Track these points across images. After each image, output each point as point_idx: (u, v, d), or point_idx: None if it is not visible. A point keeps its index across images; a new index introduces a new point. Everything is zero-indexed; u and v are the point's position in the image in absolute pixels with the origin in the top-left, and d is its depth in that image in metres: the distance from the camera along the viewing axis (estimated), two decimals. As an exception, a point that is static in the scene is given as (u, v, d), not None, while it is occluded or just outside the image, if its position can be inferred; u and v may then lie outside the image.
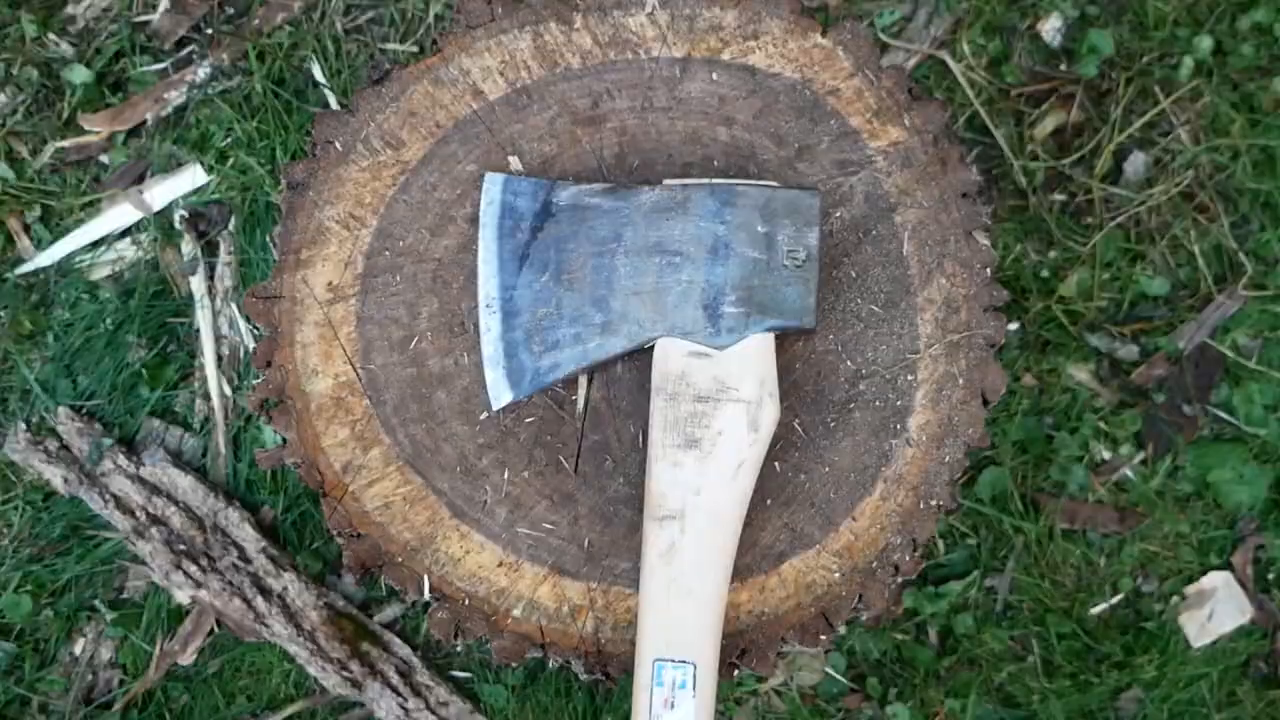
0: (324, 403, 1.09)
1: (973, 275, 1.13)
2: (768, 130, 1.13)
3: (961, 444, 1.11)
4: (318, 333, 1.10)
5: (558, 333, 1.05)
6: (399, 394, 1.09)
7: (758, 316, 1.04)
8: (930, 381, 1.11)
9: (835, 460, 1.10)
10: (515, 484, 1.09)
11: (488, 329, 1.06)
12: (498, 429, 1.09)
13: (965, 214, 1.13)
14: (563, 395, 1.10)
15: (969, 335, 1.12)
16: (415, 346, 1.10)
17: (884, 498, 1.10)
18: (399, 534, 1.09)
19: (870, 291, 1.12)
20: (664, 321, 1.04)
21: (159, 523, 1.58)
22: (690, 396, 1.03)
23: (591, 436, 1.10)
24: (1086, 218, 1.73)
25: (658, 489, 1.03)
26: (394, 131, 1.12)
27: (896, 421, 1.10)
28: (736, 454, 1.03)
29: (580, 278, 1.05)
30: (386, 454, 1.09)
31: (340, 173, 1.12)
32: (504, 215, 1.07)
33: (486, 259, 1.07)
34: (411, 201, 1.11)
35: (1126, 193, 1.71)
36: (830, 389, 1.10)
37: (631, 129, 1.12)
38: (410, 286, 1.10)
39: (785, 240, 1.04)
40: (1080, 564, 1.67)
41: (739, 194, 1.04)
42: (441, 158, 1.12)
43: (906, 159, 1.12)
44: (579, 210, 1.06)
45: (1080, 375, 1.71)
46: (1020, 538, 1.67)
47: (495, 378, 1.07)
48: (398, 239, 1.11)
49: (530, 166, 1.12)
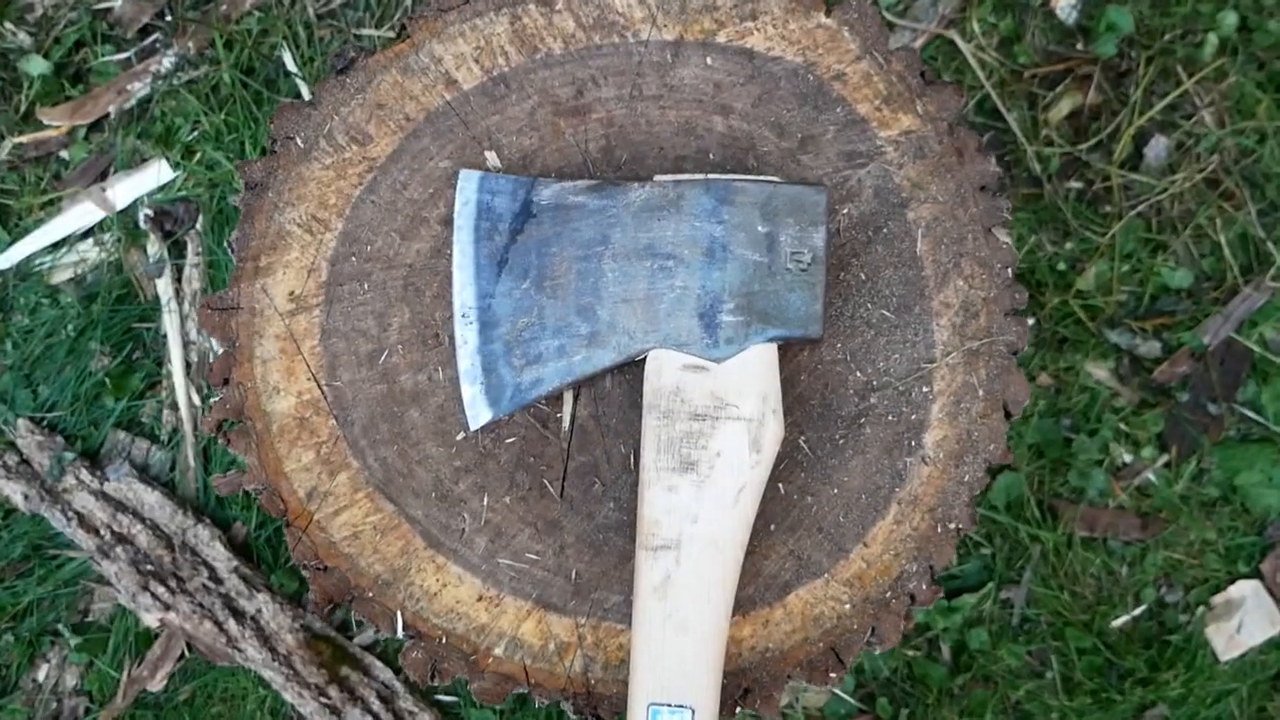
0: (286, 423, 1.04)
1: (993, 276, 1.07)
2: (768, 119, 1.07)
3: (982, 461, 1.06)
4: (279, 347, 1.05)
5: (540, 345, 1.01)
6: (368, 413, 1.04)
7: (759, 325, 0.99)
8: (947, 393, 1.06)
9: (845, 481, 1.05)
10: (495, 510, 1.04)
11: (464, 341, 1.02)
12: (476, 451, 1.04)
13: (984, 209, 1.08)
14: (546, 413, 1.05)
15: (989, 342, 1.07)
16: (385, 361, 1.05)
17: (898, 521, 1.05)
18: (369, 566, 1.04)
19: (881, 295, 1.06)
20: (656, 332, 1.00)
21: (125, 541, 1.55)
22: (686, 414, 0.98)
23: (578, 458, 1.05)
24: (1105, 206, 1.71)
25: (651, 516, 0.98)
26: (360, 126, 1.07)
27: (911, 438, 1.05)
28: (737, 477, 0.98)
29: (564, 284, 1.01)
30: (355, 479, 1.04)
31: (302, 171, 1.07)
32: (480, 216, 1.02)
33: (462, 264, 1.02)
34: (380, 202, 1.06)
35: (1147, 179, 1.69)
36: (839, 403, 1.05)
37: (619, 120, 1.07)
38: (379, 295, 1.05)
39: (788, 241, 1.00)
40: (1101, 574, 1.66)
41: (737, 190, 1.00)
42: (412, 154, 1.07)
43: (919, 149, 1.07)
44: (562, 210, 1.01)
45: (1099, 374, 1.68)
46: (1037, 547, 1.65)
47: (473, 394, 1.02)
48: (365, 243, 1.06)
49: (509, 162, 1.07)
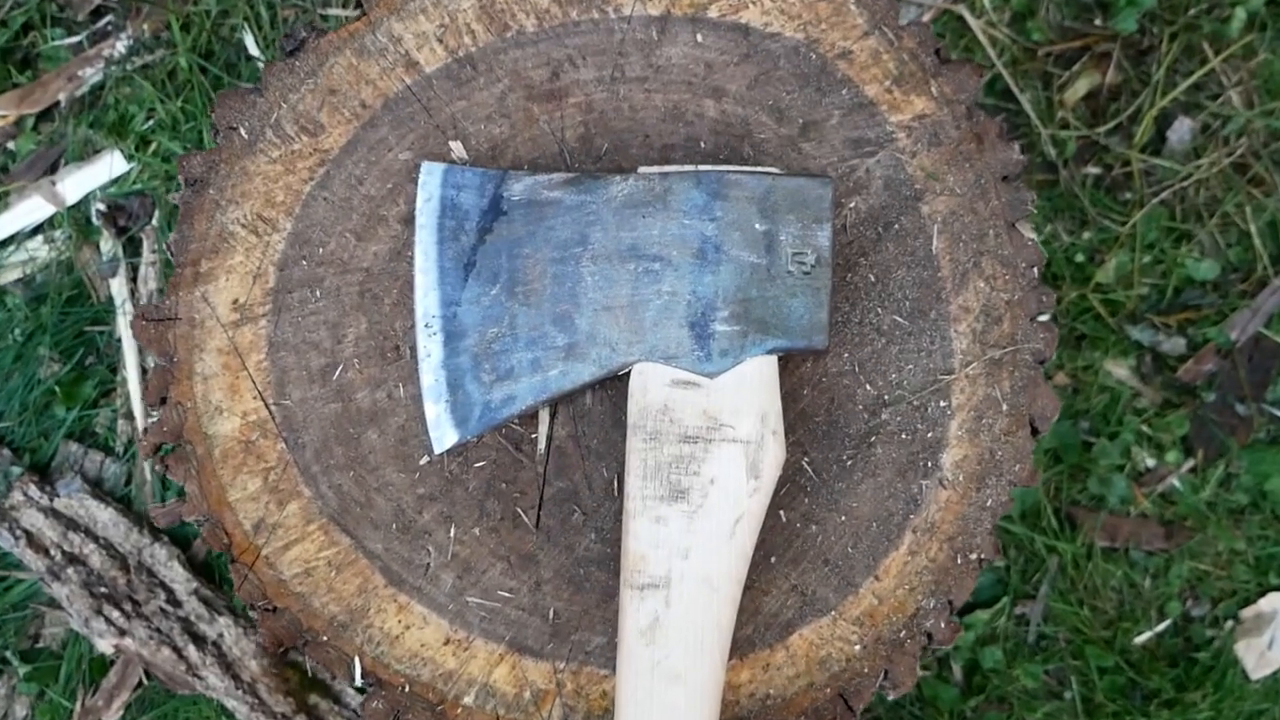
0: (230, 447, 0.99)
1: (1017, 276, 1.03)
2: (765, 103, 1.02)
3: (1006, 483, 1.01)
4: (221, 362, 1.00)
5: (512, 358, 0.96)
6: (321, 435, 0.99)
7: (757, 336, 0.94)
8: (968, 408, 1.01)
9: (853, 507, 1.00)
10: (464, 543, 0.99)
11: (427, 354, 0.97)
12: (441, 477, 0.99)
13: (1007, 201, 1.03)
14: (520, 434, 1.00)
15: (1013, 350, 1.02)
16: (340, 377, 1.00)
17: (913, 552, 1.00)
18: (323, 607, 0.99)
19: (893, 299, 1.01)
20: (641, 343, 0.95)
21: (77, 562, 1.52)
22: (675, 436, 0.93)
23: (556, 484, 1.00)
24: (1125, 193, 1.68)
25: (637, 550, 0.92)
26: (311, 114, 1.02)
27: (927, 458, 1.00)
28: (733, 507, 0.92)
29: (538, 290, 0.96)
30: (306, 509, 0.99)
31: (246, 166, 1.02)
32: (445, 214, 0.97)
33: (425, 268, 0.97)
34: (333, 199, 1.01)
35: (1170, 164, 1.66)
36: (846, 420, 1.00)
37: (599, 105, 1.02)
38: (333, 303, 1.00)
39: (789, 240, 0.94)
40: (1122, 587, 1.63)
41: (731, 183, 0.94)
42: (369, 145, 1.02)
43: (934, 136, 1.02)
44: (536, 206, 0.97)
45: (1120, 372, 1.66)
46: (1055, 559, 1.62)
47: (437, 414, 0.97)
48: (317, 245, 1.01)
49: (476, 154, 1.01)
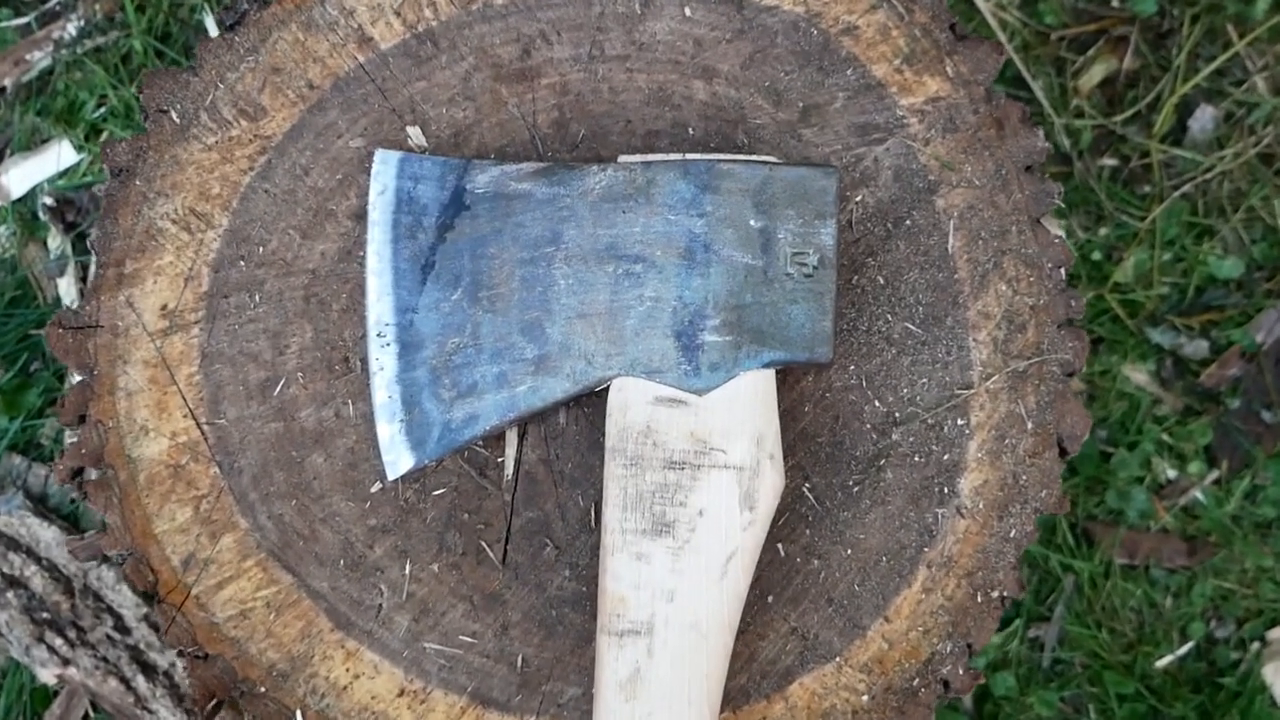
0: (157, 472, 0.94)
1: (1042, 278, 0.97)
2: (761, 85, 0.98)
3: (1031, 512, 0.96)
4: (147, 375, 0.94)
5: (475, 372, 0.91)
6: (259, 459, 0.95)
7: (751, 347, 0.89)
8: (988, 426, 0.96)
9: (860, 539, 0.95)
10: (421, 581, 0.94)
11: (380, 367, 0.91)
12: (396, 506, 0.94)
13: (1031, 194, 0.98)
14: (485, 458, 0.95)
15: (1039, 361, 0.96)
16: (282, 393, 0.95)
17: (927, 589, 0.95)
18: (261, 653, 0.93)
19: (905, 304, 0.97)
20: (621, 355, 0.90)
21: (17, 585, 1.48)
22: (659, 461, 0.87)
23: (525, 514, 0.95)
24: (1144, 186, 1.64)
25: (615, 591, 0.86)
26: (251, 96, 0.97)
27: (943, 483, 0.96)
28: (725, 542, 0.87)
29: (505, 295, 0.91)
30: (243, 543, 0.94)
31: (178, 154, 0.97)
32: (401, 208, 0.93)
33: (378, 270, 0.92)
34: (275, 192, 0.96)
35: (1192, 155, 1.62)
36: (853, 441, 0.96)
37: (575, 86, 0.98)
38: (274, 309, 0.95)
39: (789, 238, 0.90)
40: (1142, 607, 1.60)
41: (723, 174, 0.90)
42: (316, 131, 0.97)
43: (950, 121, 0.97)
44: (503, 200, 0.92)
45: (1139, 377, 1.63)
46: (1070, 578, 1.59)
47: (391, 435, 0.92)
48: (257, 244, 0.96)
49: (437, 140, 0.97)
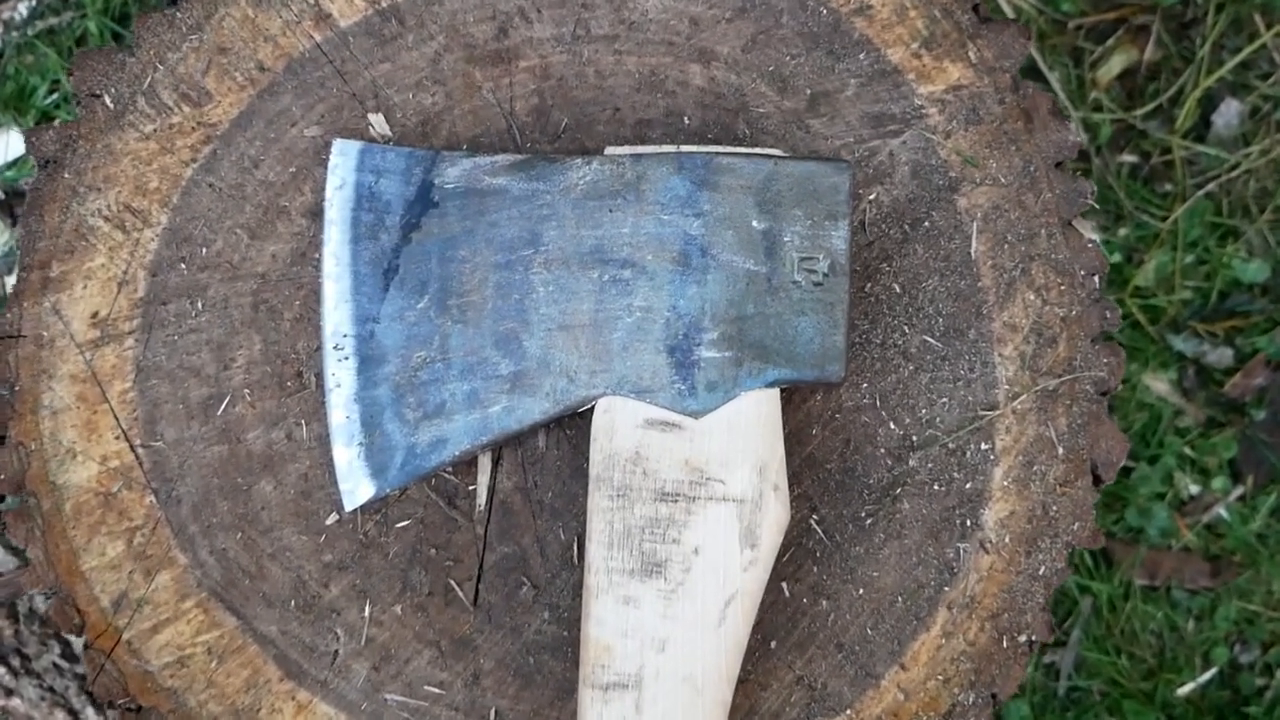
0: (85, 501, 0.89)
1: (1074, 287, 0.92)
2: (765, 69, 0.94)
3: (1062, 546, 0.90)
4: (76, 392, 0.89)
5: (444, 390, 0.86)
6: (201, 486, 0.90)
7: (754, 364, 0.84)
8: (1015, 451, 0.90)
9: (874, 578, 0.90)
10: (382, 625, 0.89)
11: (337, 384, 0.86)
12: (354, 540, 0.90)
13: (1062, 193, 0.93)
14: (454, 486, 0.90)
15: (1071, 379, 0.91)
16: (226, 412, 0.90)
17: (948, 633, 0.89)
18: (202, 706, 0.88)
19: (923, 315, 0.92)
20: (607, 372, 0.85)
21: None
22: (650, 492, 0.82)
23: (499, 549, 0.89)
24: (1165, 185, 1.61)
25: (600, 639, 0.81)
26: (194, 78, 0.91)
27: (965, 515, 0.91)
28: (724, 585, 0.81)
29: (478, 303, 0.86)
30: (181, 581, 0.89)
31: (112, 143, 0.91)
32: (361, 205, 0.88)
33: (335, 274, 0.87)
34: (221, 186, 0.92)
35: (1216, 152, 1.59)
36: (865, 468, 0.92)
37: (557, 70, 0.94)
38: (219, 318, 0.91)
39: (796, 242, 0.85)
40: (1163, 630, 1.57)
41: (723, 168, 0.85)
42: (266, 118, 0.92)
43: (973, 111, 0.93)
44: (476, 196, 0.87)
45: (1160, 387, 1.60)
46: (1088, 600, 1.56)
47: (349, 460, 0.86)
48: (199, 244, 0.91)
49: (403, 130, 0.93)
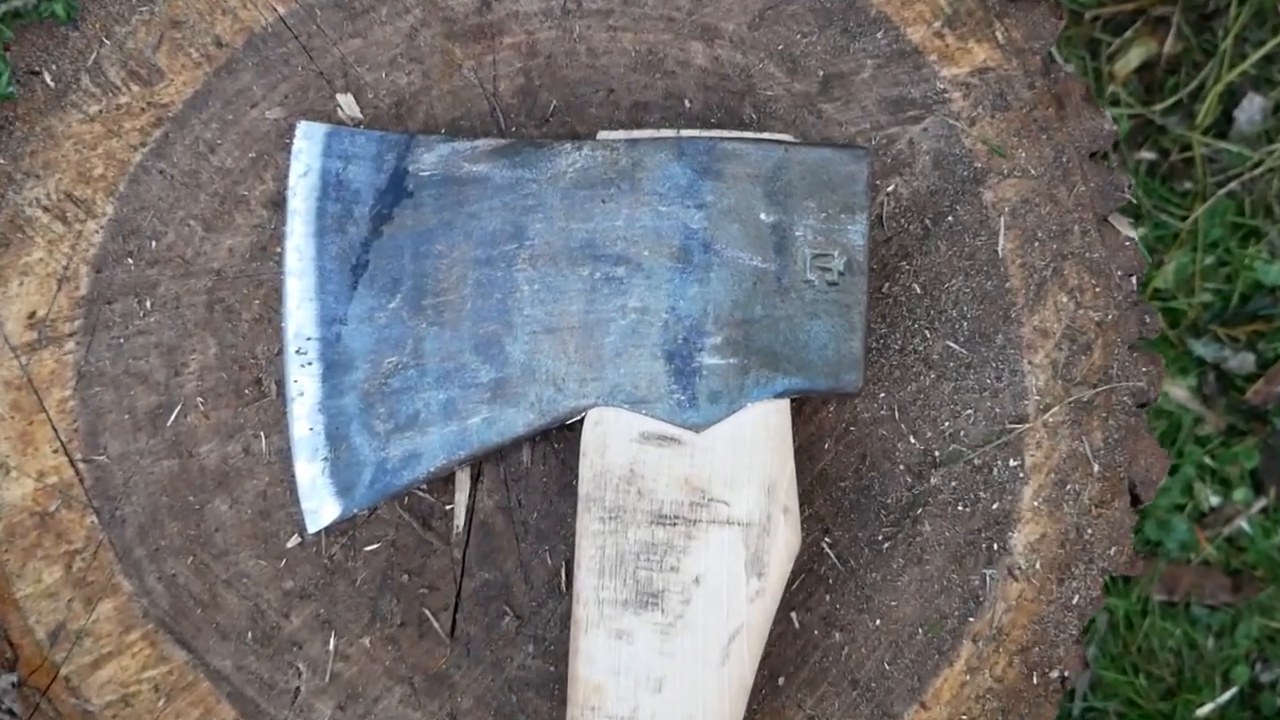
0: (19, 521, 0.83)
1: (1111, 289, 0.87)
2: (774, 48, 0.89)
3: (1098, 572, 0.84)
4: (10, 400, 0.84)
5: (418, 399, 0.80)
6: (149, 506, 0.84)
7: (762, 372, 0.78)
8: (1046, 469, 0.85)
9: (892, 607, 0.85)
10: (349, 659, 0.83)
11: (300, 392, 0.80)
12: (318, 565, 0.84)
13: (1097, 186, 0.87)
14: (429, 505, 0.85)
15: (1107, 390, 0.85)
16: (177, 422, 0.84)
17: (973, 669, 0.83)
18: None
19: (945, 318, 0.87)
20: (599, 380, 0.79)
21: None
22: (646, 514, 0.77)
23: (479, 575, 0.84)
24: (1185, 183, 1.60)
25: (590, 679, 0.75)
26: (144, 55, 0.86)
27: (992, 539, 0.85)
28: (727, 618, 0.75)
29: (455, 303, 0.81)
30: (126, 610, 0.83)
31: (53, 125, 0.86)
32: (328, 194, 0.83)
33: (299, 270, 0.82)
34: (173, 173, 0.86)
35: (1238, 149, 1.58)
36: (883, 486, 0.86)
37: (545, 47, 0.89)
38: (170, 319, 0.85)
39: (809, 236, 0.79)
40: (1182, 648, 1.55)
41: (728, 155, 0.79)
42: (224, 98, 0.87)
43: (1000, 96, 0.88)
44: (454, 185, 0.82)
45: (1179, 394, 1.59)
46: (1104, 616, 1.55)
47: (313, 477, 0.81)
48: (149, 238, 0.86)
49: (375, 112, 0.88)
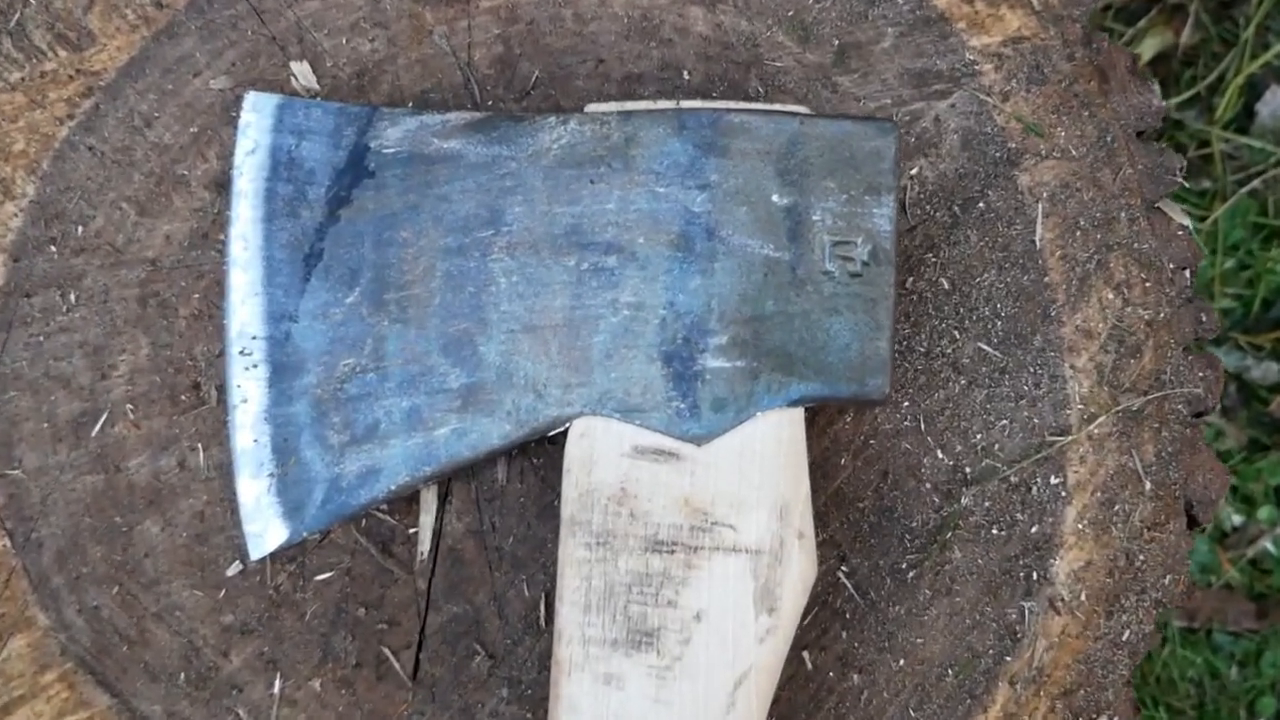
0: None
1: (1162, 284, 0.81)
2: (783, 14, 0.84)
3: (1150, 605, 0.78)
4: None
5: (378, 406, 0.75)
6: (69, 527, 0.79)
7: (774, 376, 0.73)
8: (1090, 486, 0.79)
9: (917, 645, 0.79)
10: (296, 704, 0.77)
11: (244, 398, 0.76)
12: (262, 597, 0.79)
13: (1146, 169, 0.82)
14: (390, 529, 0.80)
15: (1159, 397, 0.79)
16: (104, 432, 0.79)
17: (1009, 715, 0.77)
18: None
19: (977, 317, 0.82)
20: (586, 386, 0.74)
21: None
22: (639, 540, 0.71)
23: (446, 608, 0.78)
24: (1204, 181, 1.58)
25: None
26: (73, 16, 0.81)
27: (1031, 566, 0.80)
28: (733, 660, 0.70)
29: (422, 298, 0.76)
30: (41, 647, 0.77)
31: None
32: (278, 174, 0.78)
33: (244, 260, 0.77)
34: (104, 150, 0.81)
35: (1260, 145, 1.56)
36: (907, 507, 0.81)
37: (527, 12, 0.84)
38: (96, 315, 0.81)
39: (828, 221, 0.73)
40: (1204, 678, 1.50)
41: (735, 129, 0.74)
42: (164, 66, 0.82)
43: (1036, 69, 0.83)
44: (422, 164, 0.77)
45: None
46: None
47: (257, 495, 0.75)
48: (75, 222, 0.82)
49: (333, 82, 0.83)
